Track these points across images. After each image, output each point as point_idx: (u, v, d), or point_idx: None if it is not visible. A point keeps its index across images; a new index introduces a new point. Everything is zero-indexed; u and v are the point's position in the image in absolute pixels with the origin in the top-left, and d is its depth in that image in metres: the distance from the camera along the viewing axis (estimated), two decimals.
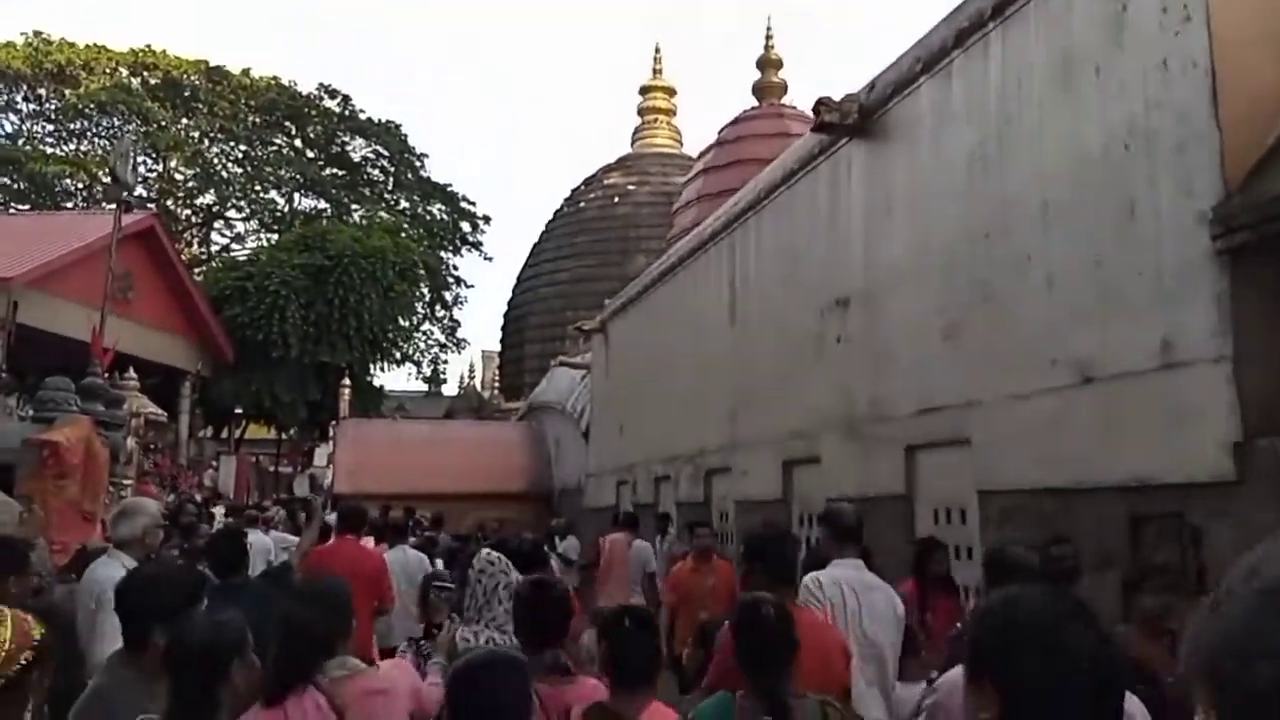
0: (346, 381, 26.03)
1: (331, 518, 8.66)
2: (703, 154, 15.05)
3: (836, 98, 7.40)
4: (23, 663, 1.76)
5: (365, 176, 42.43)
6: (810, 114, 14.34)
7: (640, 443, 12.92)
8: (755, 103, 15.26)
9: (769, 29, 15.20)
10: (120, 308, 21.46)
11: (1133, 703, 2.30)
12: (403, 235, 33.64)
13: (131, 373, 20.26)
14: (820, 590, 3.61)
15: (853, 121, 7.27)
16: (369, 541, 8.01)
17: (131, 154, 17.01)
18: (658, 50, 34.44)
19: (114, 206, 15.43)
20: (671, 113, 34.46)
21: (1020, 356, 5.46)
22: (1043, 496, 5.20)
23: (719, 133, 14.96)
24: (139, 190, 36.17)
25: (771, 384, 8.80)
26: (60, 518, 7.44)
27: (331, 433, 21.75)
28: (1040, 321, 5.34)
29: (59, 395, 9.01)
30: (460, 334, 40.59)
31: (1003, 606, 1.38)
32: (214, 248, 40.07)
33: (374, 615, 6.18)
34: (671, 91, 34.60)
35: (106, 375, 15.62)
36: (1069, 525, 4.70)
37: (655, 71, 33.96)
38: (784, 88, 15.29)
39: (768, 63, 15.24)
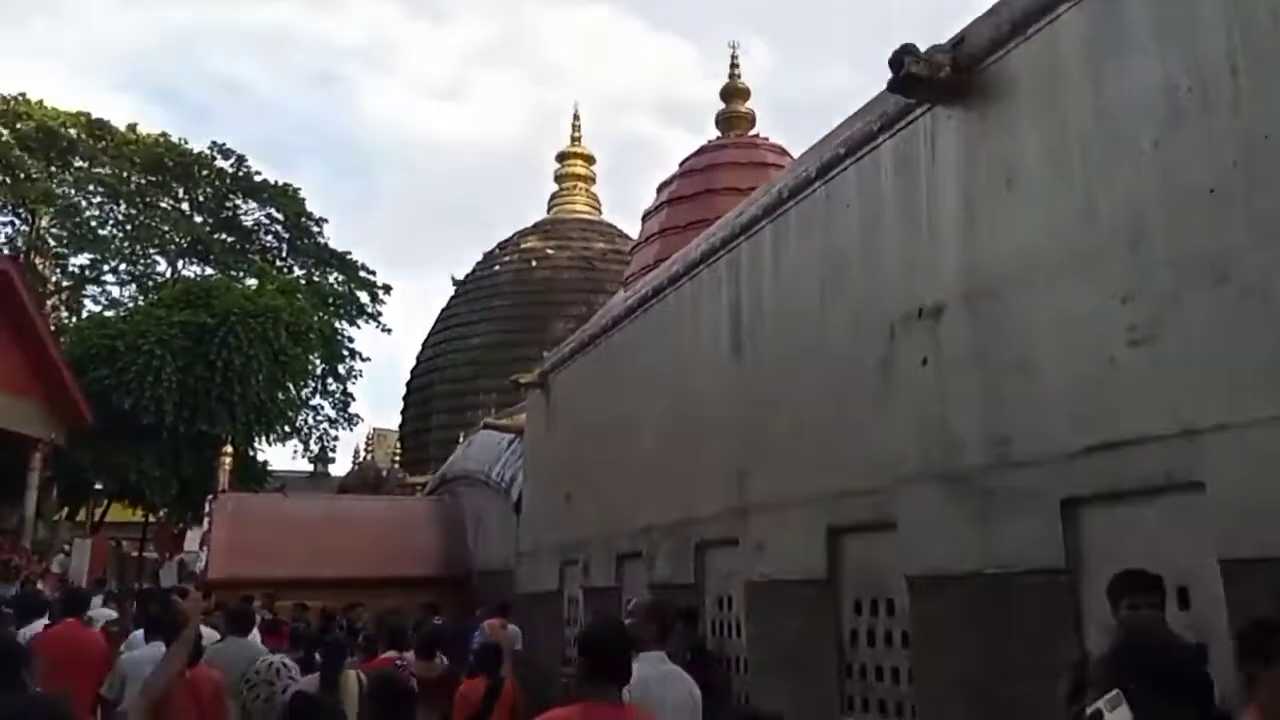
0: (229, 449, 23.01)
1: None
2: (664, 185, 13.31)
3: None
4: None
5: (257, 242, 39.60)
6: (782, 149, 13.05)
7: (596, 513, 10.76)
8: (719, 134, 13.67)
9: (734, 58, 13.74)
10: None
11: None
12: (298, 300, 30.93)
13: None
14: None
15: (945, 76, 5.56)
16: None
17: None
18: (576, 117, 33.42)
19: None
20: (590, 180, 33.38)
21: None
22: None
23: (681, 164, 13.26)
24: None
25: (805, 430, 6.85)
26: None
27: (207, 509, 18.81)
28: None
29: None
30: (352, 410, 37.51)
31: None
32: (85, 313, 36.27)
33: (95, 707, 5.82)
34: (590, 159, 33.67)
35: None
36: None
37: (574, 139, 32.95)
38: (752, 119, 13.76)
39: (734, 92, 13.70)
